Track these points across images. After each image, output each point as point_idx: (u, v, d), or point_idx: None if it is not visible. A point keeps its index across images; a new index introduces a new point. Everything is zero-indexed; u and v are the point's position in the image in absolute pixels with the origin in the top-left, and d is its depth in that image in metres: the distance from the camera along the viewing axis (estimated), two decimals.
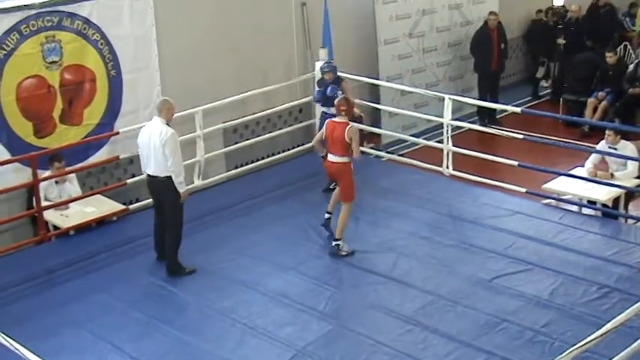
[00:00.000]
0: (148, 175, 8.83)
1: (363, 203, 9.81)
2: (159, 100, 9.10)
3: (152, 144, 8.60)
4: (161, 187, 8.70)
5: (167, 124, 8.64)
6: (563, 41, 15.20)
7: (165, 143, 8.49)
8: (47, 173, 9.79)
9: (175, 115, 10.83)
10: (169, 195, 8.68)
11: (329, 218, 9.44)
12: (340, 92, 10.26)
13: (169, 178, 8.59)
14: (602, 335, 6.15)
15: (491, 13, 14.35)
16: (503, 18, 14.58)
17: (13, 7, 9.53)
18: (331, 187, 10.61)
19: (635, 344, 6.70)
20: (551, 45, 15.47)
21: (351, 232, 9.44)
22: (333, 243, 9.16)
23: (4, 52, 9.52)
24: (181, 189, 8.65)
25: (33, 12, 9.65)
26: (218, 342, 7.56)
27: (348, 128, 8.92)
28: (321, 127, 9.96)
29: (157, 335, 7.73)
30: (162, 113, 8.69)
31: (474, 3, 14.80)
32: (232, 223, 9.94)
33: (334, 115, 9.37)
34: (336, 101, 9.32)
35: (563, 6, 16.04)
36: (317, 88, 11.03)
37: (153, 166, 8.68)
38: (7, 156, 9.63)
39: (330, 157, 9.18)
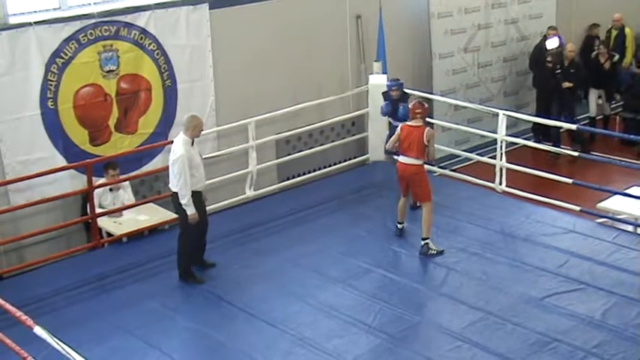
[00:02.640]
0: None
1: (414, 218, 9.78)
2: (186, 116, 8.78)
3: (169, 159, 8.67)
4: (174, 201, 8.72)
5: (192, 142, 8.57)
6: (570, 84, 13.65)
7: (174, 163, 8.51)
8: (102, 180, 9.93)
9: (229, 125, 10.89)
10: (180, 211, 8.71)
11: (402, 228, 9.70)
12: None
13: (177, 194, 8.62)
14: None
15: (550, 27, 14.16)
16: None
17: (72, 17, 9.71)
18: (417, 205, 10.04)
19: None
20: (558, 88, 13.71)
21: (401, 246, 9.46)
22: (422, 242, 9.32)
23: (63, 60, 9.69)
24: (188, 211, 8.59)
25: (91, 21, 9.81)
26: (266, 352, 7.57)
27: (426, 131, 9.19)
28: (389, 137, 10.11)
29: (205, 343, 7.78)
30: (188, 131, 8.57)
31: (530, 18, 14.67)
32: (283, 234, 9.97)
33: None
34: (411, 105, 9.47)
35: (559, 47, 14.05)
36: (384, 101, 10.85)
37: (170, 180, 8.72)
38: (63, 163, 9.80)
39: (405, 160, 9.33)
